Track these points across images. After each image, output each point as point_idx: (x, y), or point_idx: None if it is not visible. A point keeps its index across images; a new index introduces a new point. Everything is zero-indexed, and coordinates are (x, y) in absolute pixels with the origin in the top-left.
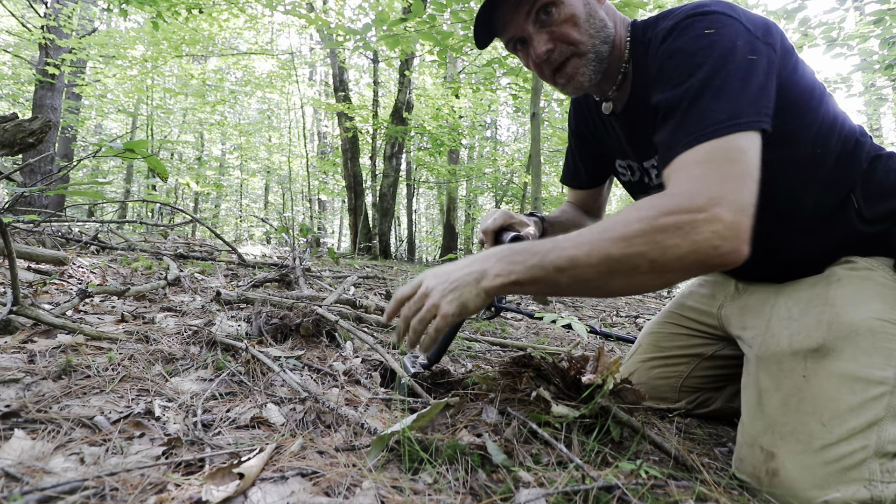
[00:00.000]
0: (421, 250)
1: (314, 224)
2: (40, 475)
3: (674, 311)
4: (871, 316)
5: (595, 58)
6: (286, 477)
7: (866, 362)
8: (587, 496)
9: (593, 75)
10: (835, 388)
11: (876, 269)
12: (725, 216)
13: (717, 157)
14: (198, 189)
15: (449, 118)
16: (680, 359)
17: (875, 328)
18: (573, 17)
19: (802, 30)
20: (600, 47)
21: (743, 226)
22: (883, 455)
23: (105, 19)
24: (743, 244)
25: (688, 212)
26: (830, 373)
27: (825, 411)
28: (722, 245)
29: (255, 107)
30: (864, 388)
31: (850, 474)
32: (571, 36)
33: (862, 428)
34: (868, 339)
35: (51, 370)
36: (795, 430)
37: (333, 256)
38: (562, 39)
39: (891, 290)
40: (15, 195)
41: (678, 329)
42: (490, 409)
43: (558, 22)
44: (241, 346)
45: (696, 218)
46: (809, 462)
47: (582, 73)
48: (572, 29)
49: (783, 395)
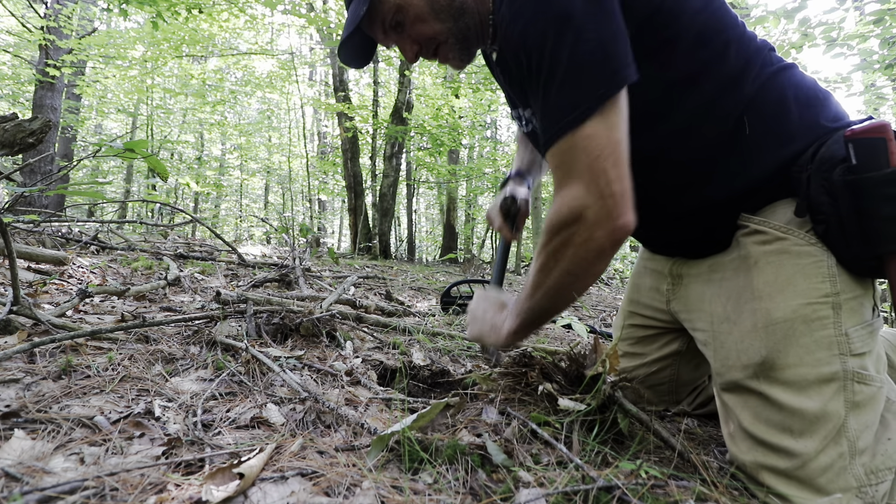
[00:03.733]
0: (421, 250)
1: (314, 224)
2: (40, 475)
3: (631, 310)
4: (800, 302)
5: (456, 38)
6: (286, 477)
7: (811, 361)
8: (587, 496)
9: (462, 52)
10: (794, 399)
11: (787, 235)
12: (592, 212)
13: (567, 157)
14: (198, 189)
15: (449, 118)
16: (660, 362)
17: (807, 316)
18: (419, 16)
19: (802, 30)
20: (456, 26)
21: (611, 211)
22: (859, 453)
23: (105, 19)
24: (617, 222)
25: (566, 226)
26: (784, 384)
27: (793, 424)
28: (600, 236)
29: (255, 107)
30: (818, 391)
31: (839, 483)
32: (426, 33)
33: (833, 435)
34: (805, 332)
35: (51, 370)
36: (775, 448)
37: (333, 256)
38: (419, 40)
39: (807, 257)
40: (15, 195)
41: (645, 331)
42: (490, 409)
43: (409, 25)
44: (241, 346)
45: (573, 232)
46: (797, 477)
47: (452, 55)
48: (423, 26)
49: (751, 414)
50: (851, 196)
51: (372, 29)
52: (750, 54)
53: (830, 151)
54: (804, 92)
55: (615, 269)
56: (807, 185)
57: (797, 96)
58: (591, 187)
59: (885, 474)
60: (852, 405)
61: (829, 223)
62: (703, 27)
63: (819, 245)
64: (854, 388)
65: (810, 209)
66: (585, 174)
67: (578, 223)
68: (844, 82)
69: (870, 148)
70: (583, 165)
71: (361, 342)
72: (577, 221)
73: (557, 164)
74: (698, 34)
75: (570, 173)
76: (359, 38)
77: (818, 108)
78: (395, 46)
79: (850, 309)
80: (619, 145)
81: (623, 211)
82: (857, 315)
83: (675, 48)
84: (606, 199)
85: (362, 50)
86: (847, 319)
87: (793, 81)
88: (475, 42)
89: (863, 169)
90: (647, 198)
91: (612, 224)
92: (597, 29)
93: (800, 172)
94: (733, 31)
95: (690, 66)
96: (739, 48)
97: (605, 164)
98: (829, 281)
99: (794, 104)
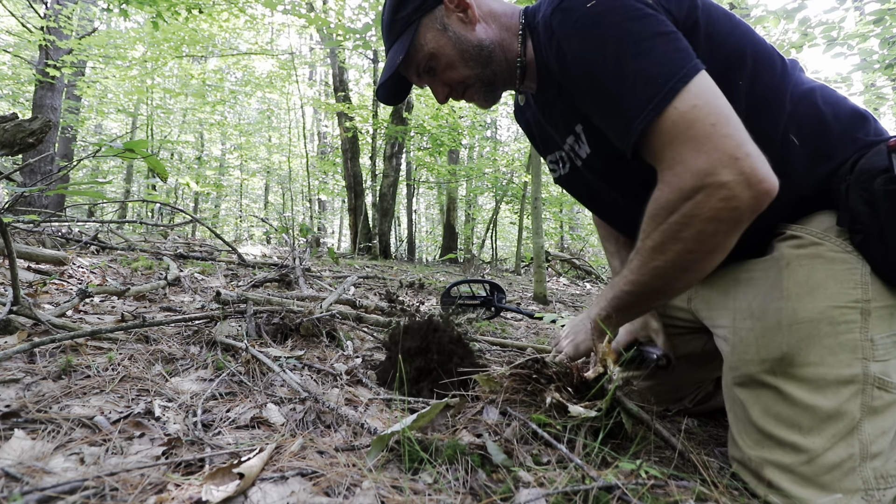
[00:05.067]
0: (421, 250)
1: (314, 224)
2: (40, 475)
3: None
4: (828, 304)
5: (482, 82)
6: (286, 477)
7: (833, 362)
8: (587, 496)
9: (488, 95)
10: (809, 396)
11: (823, 241)
12: (727, 176)
13: (679, 127)
14: (198, 189)
15: (449, 118)
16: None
17: (834, 318)
18: (450, 63)
19: (802, 29)
20: (484, 72)
21: (748, 163)
22: (871, 457)
23: (105, 19)
24: (761, 178)
25: (688, 198)
26: (801, 381)
27: (803, 420)
28: (739, 198)
29: (255, 107)
30: (835, 391)
31: (845, 483)
32: (455, 78)
33: (843, 434)
34: (830, 334)
35: (51, 370)
36: (782, 443)
37: (333, 256)
38: (450, 83)
39: (840, 263)
40: (15, 195)
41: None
42: (490, 409)
43: (441, 71)
44: (241, 346)
45: (699, 202)
46: (801, 473)
47: (478, 97)
48: (453, 72)
49: (762, 408)
50: (893, 205)
51: (407, 72)
52: (784, 72)
53: (871, 162)
54: (843, 109)
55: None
56: (846, 195)
57: (836, 113)
58: (717, 153)
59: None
60: (870, 409)
61: (867, 232)
62: (735, 47)
63: (854, 253)
64: (874, 394)
65: (850, 218)
66: (706, 142)
67: (708, 189)
68: (844, 82)
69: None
70: (701, 134)
71: (361, 342)
72: (707, 188)
73: (664, 145)
74: (732, 52)
75: (683, 147)
76: (396, 78)
77: (858, 124)
78: (428, 87)
79: (880, 317)
80: (732, 112)
81: (764, 171)
82: (885, 324)
83: (716, 66)
84: (742, 162)
85: (398, 88)
86: (875, 326)
87: (830, 100)
88: (501, 85)
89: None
90: None
91: (754, 188)
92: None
93: (839, 184)
94: (765, 51)
95: (732, 84)
96: (774, 67)
97: (726, 128)
98: (861, 288)
99: (834, 121)
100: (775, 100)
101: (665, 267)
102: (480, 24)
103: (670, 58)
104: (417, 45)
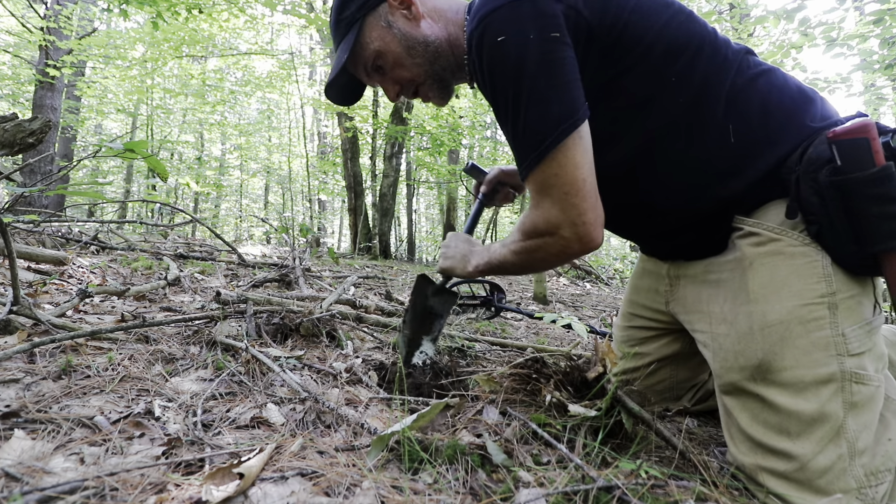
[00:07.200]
0: (421, 250)
1: (314, 224)
2: (40, 475)
3: (631, 312)
4: (795, 303)
5: (433, 80)
6: (286, 477)
7: (808, 363)
8: (587, 496)
9: (442, 91)
10: (791, 402)
11: (781, 236)
12: (566, 233)
13: (542, 188)
14: (198, 189)
15: (449, 118)
16: (661, 362)
17: (803, 317)
18: (398, 61)
19: (802, 30)
20: (432, 68)
21: (583, 229)
22: (858, 454)
23: (105, 20)
24: (590, 239)
25: (541, 235)
26: (781, 386)
27: (790, 426)
28: (572, 248)
29: (255, 107)
30: (815, 393)
31: (839, 485)
32: (405, 76)
33: (830, 436)
34: (801, 334)
35: (51, 370)
36: (773, 451)
37: (333, 256)
38: (400, 81)
39: (801, 257)
40: (15, 195)
41: (647, 332)
42: (490, 409)
43: (390, 69)
44: (241, 346)
45: (547, 241)
46: (796, 479)
47: (432, 94)
48: (402, 70)
49: (750, 416)
50: (839, 197)
51: (356, 71)
52: (725, 61)
53: (817, 152)
54: (788, 94)
55: (615, 269)
56: (796, 186)
57: (781, 99)
58: (563, 216)
59: (885, 475)
60: (850, 406)
61: (821, 224)
62: (669, 44)
63: (813, 245)
64: (852, 389)
65: (802, 210)
66: (558, 204)
67: (554, 236)
68: (844, 82)
69: (853, 148)
70: (556, 196)
71: (361, 342)
72: (553, 235)
73: (534, 191)
74: (665, 51)
75: (546, 200)
76: (345, 78)
77: (804, 109)
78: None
79: (848, 308)
80: (586, 181)
81: (594, 235)
82: (854, 314)
83: (645, 68)
84: (579, 227)
85: (350, 89)
86: (844, 319)
87: (775, 84)
88: (452, 81)
89: (848, 170)
90: (638, 208)
91: (583, 245)
92: (550, 78)
93: (789, 174)
94: (703, 42)
95: (663, 83)
96: (712, 58)
97: (574, 199)
98: (825, 281)
99: (778, 107)
100: (714, 91)
101: (520, 263)
102: (425, 21)
103: (550, 118)
104: (363, 44)
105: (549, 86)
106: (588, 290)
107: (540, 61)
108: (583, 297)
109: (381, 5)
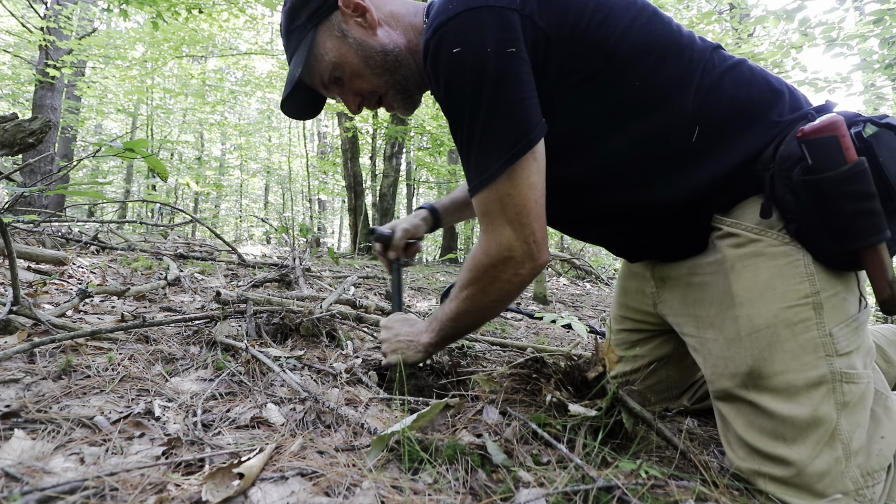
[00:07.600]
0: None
1: (314, 224)
2: (40, 475)
3: (622, 314)
4: (781, 306)
5: (395, 88)
6: (286, 477)
7: (798, 366)
8: (587, 496)
9: (406, 101)
10: (784, 407)
11: (761, 236)
12: (518, 254)
13: (493, 209)
14: (198, 189)
15: None
16: (655, 363)
17: (789, 319)
18: (356, 72)
19: (802, 30)
20: (393, 78)
21: (534, 247)
22: (854, 454)
23: (105, 20)
24: (539, 257)
25: (494, 263)
26: (773, 392)
27: (785, 431)
28: (527, 267)
29: (255, 107)
30: (808, 396)
31: (836, 487)
32: (364, 87)
33: (826, 439)
34: (788, 337)
35: (51, 370)
36: (770, 457)
37: (333, 256)
38: (360, 93)
39: (782, 257)
40: (15, 195)
41: (638, 335)
42: (490, 409)
43: (349, 80)
44: (241, 346)
45: (500, 268)
46: (794, 484)
47: (396, 104)
48: (362, 81)
49: (745, 422)
50: (813, 195)
51: (313, 84)
52: (691, 62)
53: (789, 150)
54: (757, 89)
55: (615, 269)
56: (771, 184)
57: (749, 96)
58: (517, 235)
59: (880, 475)
60: (842, 406)
61: (799, 222)
62: (633, 46)
63: (793, 244)
64: (843, 389)
65: (779, 208)
66: (510, 225)
67: (507, 262)
68: (844, 82)
69: (823, 147)
70: (509, 217)
71: (361, 342)
72: (507, 261)
73: (484, 212)
74: (629, 54)
75: (498, 220)
76: (303, 92)
77: (770, 104)
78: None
79: (833, 307)
80: (538, 202)
81: (543, 252)
82: (840, 313)
83: (607, 76)
84: (531, 245)
85: (309, 103)
86: (830, 319)
87: (742, 80)
88: (416, 90)
89: (819, 169)
90: (604, 209)
91: (534, 263)
92: (506, 95)
93: (763, 171)
94: (668, 42)
95: (629, 86)
96: (678, 58)
97: (526, 219)
98: (808, 280)
99: (746, 105)
100: (679, 94)
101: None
102: (382, 28)
103: (506, 137)
104: (318, 56)
105: (505, 102)
106: (588, 290)
107: (496, 79)
108: (583, 297)
109: (334, 13)
